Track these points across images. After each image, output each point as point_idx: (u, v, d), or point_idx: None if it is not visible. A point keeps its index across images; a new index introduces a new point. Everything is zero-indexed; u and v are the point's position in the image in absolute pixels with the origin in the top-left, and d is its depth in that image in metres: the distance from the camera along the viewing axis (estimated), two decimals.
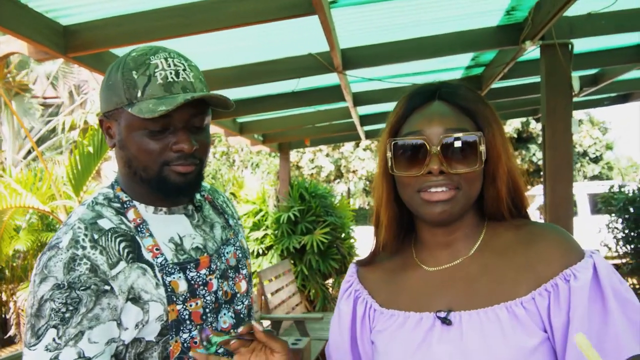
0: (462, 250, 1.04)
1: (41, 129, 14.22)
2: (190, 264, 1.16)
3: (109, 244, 1.09)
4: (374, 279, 1.13)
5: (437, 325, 0.98)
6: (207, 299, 1.16)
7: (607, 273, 0.93)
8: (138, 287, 1.08)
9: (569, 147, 3.49)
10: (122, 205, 1.17)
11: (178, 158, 1.12)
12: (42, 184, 6.46)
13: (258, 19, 2.62)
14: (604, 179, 19.19)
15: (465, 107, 1.01)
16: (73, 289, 1.02)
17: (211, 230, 1.28)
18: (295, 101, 5.01)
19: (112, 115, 1.15)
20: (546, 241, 0.97)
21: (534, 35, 3.36)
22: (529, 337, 0.92)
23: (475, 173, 0.98)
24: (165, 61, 1.11)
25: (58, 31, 2.69)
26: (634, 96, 7.00)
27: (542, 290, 0.93)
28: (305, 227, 7.33)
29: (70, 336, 1.01)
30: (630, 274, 7.63)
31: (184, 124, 1.11)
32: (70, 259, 1.04)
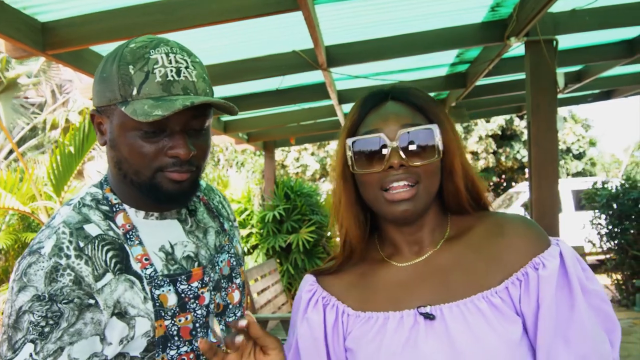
0: (429, 244, 1.06)
1: (22, 129, 14.02)
2: (182, 277, 1.08)
3: (96, 254, 1.00)
4: (340, 284, 1.11)
5: (420, 321, 0.98)
6: (197, 313, 1.09)
7: (572, 262, 0.96)
8: (125, 302, 1.01)
9: (554, 143, 3.50)
10: (111, 209, 1.08)
11: (173, 164, 1.03)
12: (22, 185, 6.37)
13: (241, 15, 2.58)
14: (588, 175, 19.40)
15: (418, 105, 1.04)
16: (54, 302, 0.94)
17: (204, 237, 1.19)
18: (279, 99, 4.99)
19: (105, 110, 1.05)
20: (513, 231, 1.00)
21: (518, 31, 3.36)
22: (513, 325, 0.94)
23: (434, 165, 1.01)
24: (166, 56, 1.01)
25: (36, 28, 2.63)
26: (617, 93, 7.08)
27: (514, 279, 0.96)
28: (290, 225, 7.32)
29: (48, 352, 0.94)
30: (614, 269, 7.72)
31: (181, 127, 1.02)
32: (52, 268, 0.96)
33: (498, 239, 1.00)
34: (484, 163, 19.01)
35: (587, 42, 4.53)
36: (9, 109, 12.26)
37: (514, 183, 20.00)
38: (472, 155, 18.82)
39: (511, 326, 0.94)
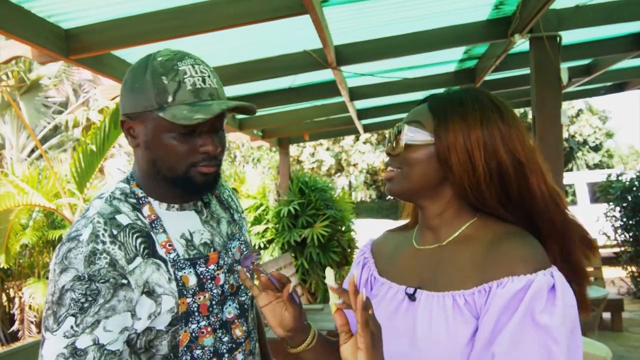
0: (443, 236, 1.15)
1: (44, 128, 14.34)
2: (200, 260, 1.22)
3: (127, 240, 1.14)
4: (381, 251, 1.32)
5: (405, 299, 1.12)
6: (214, 292, 1.24)
7: (533, 294, 0.95)
8: (152, 282, 1.15)
9: (559, 137, 3.57)
10: (138, 202, 1.22)
11: (204, 159, 1.18)
12: (47, 182, 6.58)
13: (252, 20, 2.71)
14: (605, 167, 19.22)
15: (432, 106, 1.14)
16: (93, 281, 1.08)
17: (218, 226, 1.34)
18: (292, 97, 5.10)
19: (138, 117, 1.18)
20: (506, 247, 1.04)
21: (522, 28, 3.44)
22: (465, 325, 1.01)
23: (414, 154, 1.12)
24: (192, 67, 1.16)
25: (60, 35, 2.78)
26: (629, 85, 7.05)
27: (481, 289, 1.02)
28: (305, 220, 7.42)
29: (87, 324, 1.08)
30: (628, 261, 7.70)
31: (208, 128, 1.17)
32: (90, 252, 1.09)
33: (492, 249, 1.05)
34: None
35: (594, 37, 4.56)
36: (32, 109, 12.55)
37: None
38: None
39: (463, 326, 1.01)
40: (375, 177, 25.82)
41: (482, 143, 1.07)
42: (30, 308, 6.80)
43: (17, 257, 7.10)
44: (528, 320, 0.94)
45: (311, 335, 1.20)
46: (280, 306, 1.17)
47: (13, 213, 6.20)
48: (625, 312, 6.44)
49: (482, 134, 1.08)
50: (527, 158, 1.08)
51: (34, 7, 2.55)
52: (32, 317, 6.98)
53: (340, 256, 7.61)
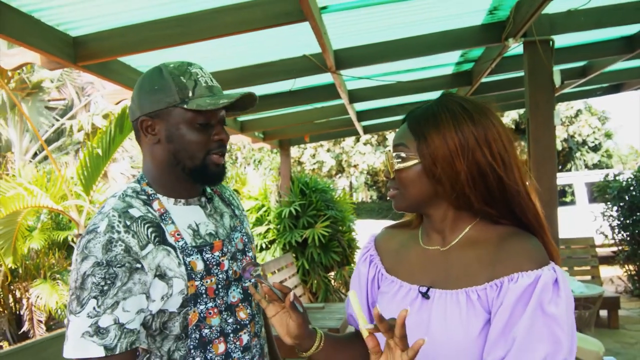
0: (449, 238, 1.24)
1: (47, 131, 14.43)
2: (206, 247, 1.35)
3: (139, 229, 1.26)
4: (386, 248, 1.39)
5: (419, 297, 1.20)
6: (219, 277, 1.36)
7: (542, 289, 1.06)
8: (164, 266, 1.27)
9: (552, 139, 3.67)
10: (148, 198, 1.35)
11: (218, 147, 1.35)
12: (54, 184, 6.70)
13: (253, 27, 2.79)
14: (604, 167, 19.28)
15: (411, 126, 1.23)
16: (110, 266, 1.20)
17: (221, 219, 1.47)
18: (292, 100, 5.18)
19: (159, 114, 1.32)
20: (512, 245, 1.14)
21: (515, 33, 3.53)
22: (477, 318, 1.12)
23: (407, 174, 1.21)
24: (200, 70, 1.36)
25: (68, 42, 2.87)
26: (626, 86, 7.13)
27: (492, 284, 1.12)
28: (306, 221, 7.51)
29: (107, 305, 1.19)
30: (626, 260, 7.78)
31: (219, 120, 1.36)
32: (107, 241, 1.22)
33: (498, 248, 1.15)
34: None
35: (587, 40, 4.65)
36: (34, 112, 12.66)
37: None
38: None
39: (475, 319, 1.11)
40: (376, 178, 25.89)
41: (460, 150, 1.14)
42: (38, 308, 6.90)
43: (24, 259, 7.20)
44: (539, 312, 1.05)
45: (318, 339, 1.30)
46: (286, 315, 1.26)
47: (21, 215, 6.30)
48: (622, 310, 6.53)
49: (458, 141, 1.14)
50: (503, 154, 1.15)
51: (44, 16, 2.64)
52: (41, 317, 7.08)
53: (341, 256, 7.69)
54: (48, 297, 6.66)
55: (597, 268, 6.83)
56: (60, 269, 7.25)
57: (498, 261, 1.13)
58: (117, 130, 5.81)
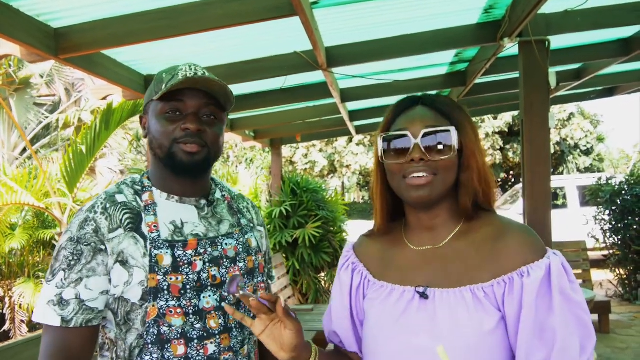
0: (442, 235, 1.22)
1: (36, 127, 14.26)
2: (179, 243, 1.33)
3: (115, 213, 1.31)
4: (369, 254, 1.34)
5: (416, 298, 1.16)
6: (189, 277, 1.32)
7: (557, 275, 1.08)
8: (127, 253, 1.28)
9: (547, 141, 3.60)
10: (142, 189, 1.39)
11: (185, 136, 1.33)
12: (37, 182, 6.56)
13: (242, 21, 2.71)
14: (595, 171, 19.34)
15: (442, 110, 1.21)
16: (79, 243, 1.27)
17: (217, 225, 1.44)
18: (284, 98, 5.09)
19: (146, 109, 1.42)
20: (512, 238, 1.14)
21: (511, 32, 3.46)
22: (489, 316, 1.09)
23: (450, 161, 1.17)
24: (188, 67, 1.37)
25: (49, 34, 2.77)
26: (619, 89, 7.10)
27: (500, 280, 1.10)
28: (297, 221, 7.43)
29: (72, 280, 1.25)
30: (617, 264, 7.77)
31: (194, 110, 1.35)
32: (84, 219, 1.30)
33: (498, 242, 1.14)
34: (491, 160, 19.05)
35: (583, 41, 4.59)
36: (21, 108, 12.49)
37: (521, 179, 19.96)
38: None
39: (486, 317, 1.09)
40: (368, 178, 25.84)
41: (480, 145, 1.21)
42: (21, 307, 6.76)
43: (7, 257, 7.07)
44: (565, 302, 1.06)
45: (314, 351, 1.24)
46: (278, 327, 1.18)
47: (1, 212, 6.17)
48: (613, 315, 6.50)
49: (476, 134, 1.22)
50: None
51: (23, 5, 2.54)
52: (23, 317, 6.95)
53: (331, 257, 7.62)
54: (31, 297, 6.53)
55: (589, 272, 6.79)
56: (45, 267, 7.12)
57: (501, 256, 1.12)
58: (102, 126, 5.69)
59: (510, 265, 1.10)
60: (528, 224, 3.52)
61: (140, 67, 3.75)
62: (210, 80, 1.33)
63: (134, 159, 13.30)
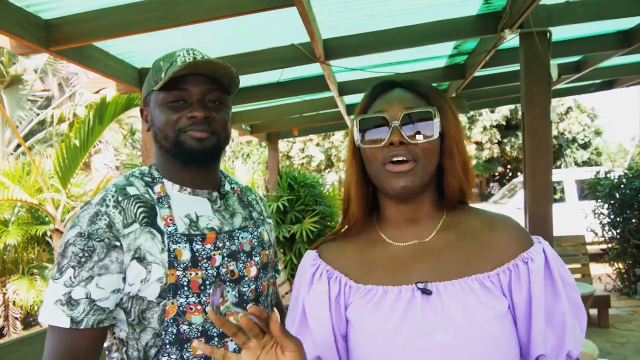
0: (427, 228, 1.14)
1: (30, 122, 14.15)
2: (197, 237, 1.27)
3: (129, 207, 1.23)
4: (342, 259, 1.18)
5: (417, 295, 1.06)
6: (208, 272, 1.26)
7: (554, 258, 1.09)
8: (144, 249, 1.21)
9: (548, 134, 3.55)
10: (153, 180, 1.33)
11: (192, 124, 1.27)
12: (30, 177, 6.47)
13: (237, 11, 2.64)
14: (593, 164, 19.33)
15: (422, 93, 1.14)
16: (90, 239, 1.19)
17: (231, 218, 1.39)
18: (280, 91, 5.03)
19: (146, 101, 1.35)
20: (505, 227, 1.12)
21: (512, 23, 3.40)
22: (500, 302, 1.05)
23: (432, 145, 1.09)
24: (186, 52, 1.31)
25: (40, 25, 2.70)
26: (618, 82, 7.07)
27: (505, 269, 1.07)
28: (294, 216, 7.38)
29: (82, 278, 1.17)
30: (615, 258, 7.74)
31: (199, 97, 1.29)
32: (95, 213, 1.21)
33: (490, 232, 1.11)
34: (488, 153, 19.01)
35: (584, 33, 4.54)
36: (14, 104, 12.37)
37: (519, 173, 19.97)
38: (476, 145, 18.78)
39: (498, 302, 1.04)
40: None
41: (462, 132, 1.16)
42: (15, 304, 6.69)
43: (1, 253, 6.99)
44: (564, 285, 1.07)
45: None
46: (273, 353, 0.94)
47: None
48: (612, 309, 6.47)
49: (458, 122, 1.16)
50: None
51: None
52: (17, 314, 6.88)
53: None
54: (26, 293, 6.47)
55: (588, 266, 6.76)
56: (39, 264, 7.05)
57: (497, 245, 1.09)
58: (96, 120, 5.60)
59: (508, 254, 1.08)
60: (529, 217, 3.47)
61: (134, 60, 3.68)
62: (213, 63, 1.26)
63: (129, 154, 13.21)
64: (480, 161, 19.03)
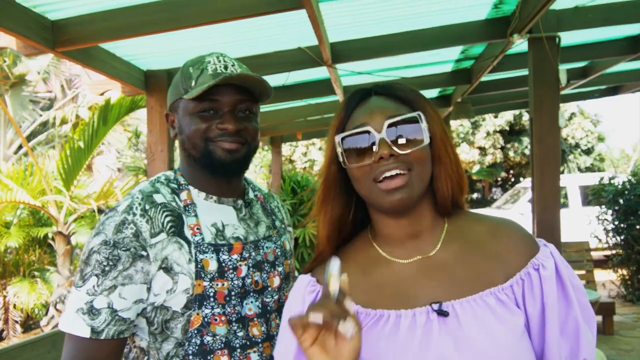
0: (430, 241, 1.05)
1: (32, 123, 14.14)
2: (224, 247, 1.25)
3: (156, 216, 1.21)
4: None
5: (433, 318, 0.96)
6: (234, 283, 1.24)
7: (562, 262, 1.02)
8: (172, 259, 1.19)
9: (556, 139, 3.52)
10: (179, 187, 1.30)
11: (222, 135, 1.25)
12: (33, 179, 6.44)
13: (245, 14, 2.62)
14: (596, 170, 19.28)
15: (401, 97, 1.06)
16: (116, 248, 1.16)
17: (255, 227, 1.37)
18: (286, 95, 5.01)
19: (173, 107, 1.32)
20: (512, 234, 1.05)
21: (521, 28, 3.39)
22: (516, 317, 0.97)
23: (424, 152, 1.01)
24: (216, 58, 1.29)
25: (46, 26, 2.69)
26: (623, 88, 7.05)
27: (517, 279, 1.00)
28: (297, 220, 7.35)
29: (105, 287, 1.15)
30: (619, 265, 7.70)
31: (230, 108, 1.27)
32: (121, 221, 1.18)
33: (497, 239, 1.03)
34: (492, 158, 18.94)
35: (591, 39, 4.54)
36: (17, 105, 12.36)
37: (521, 178, 19.93)
38: (479, 150, 18.73)
39: (515, 317, 0.97)
40: None
41: (449, 134, 1.08)
42: (15, 307, 6.65)
43: (2, 256, 6.95)
44: (574, 290, 1.00)
45: None
46: (331, 336, 0.85)
47: None
48: (616, 316, 6.42)
49: (443, 124, 1.08)
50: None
51: None
52: (17, 317, 6.84)
53: None
54: (26, 296, 6.43)
55: (592, 272, 6.72)
56: (41, 266, 7.01)
57: (507, 253, 1.02)
58: (100, 122, 5.57)
59: (519, 261, 1.01)
60: (537, 223, 3.44)
61: (140, 62, 3.66)
62: (246, 77, 1.25)
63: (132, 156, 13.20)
64: (484, 166, 18.98)
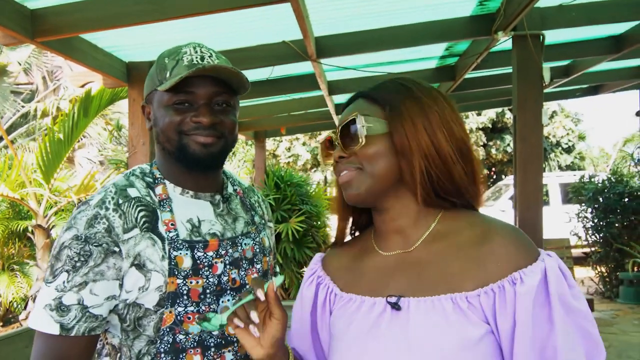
0: (413, 237, 1.05)
1: (13, 115, 13.91)
2: (199, 244, 1.22)
3: (130, 211, 1.17)
4: (336, 265, 1.17)
5: (387, 310, 0.99)
6: (209, 281, 1.21)
7: (556, 279, 0.93)
8: (145, 255, 1.16)
9: (539, 137, 3.55)
10: (154, 181, 1.26)
11: (196, 128, 1.21)
12: (12, 171, 6.31)
13: (230, 6, 2.59)
14: (576, 169, 19.52)
15: (374, 98, 1.07)
16: (87, 243, 1.13)
17: (233, 222, 1.33)
18: (269, 89, 4.98)
19: (149, 99, 1.28)
20: (500, 240, 0.98)
21: (506, 26, 3.40)
22: (473, 327, 0.93)
23: (369, 149, 1.02)
24: (193, 49, 1.24)
25: (25, 15, 2.63)
26: (604, 88, 7.13)
27: (488, 290, 0.94)
28: (280, 215, 7.33)
29: (75, 283, 1.12)
30: (598, 262, 7.82)
31: (206, 101, 1.22)
32: (93, 216, 1.14)
33: (483, 245, 0.98)
34: None
35: (575, 38, 4.57)
36: None
37: (503, 176, 20.11)
38: None
39: (470, 327, 0.93)
40: None
41: (441, 124, 1.03)
42: None
43: None
44: (565, 312, 0.91)
45: (291, 354, 1.10)
46: (262, 316, 1.02)
47: None
48: (595, 312, 6.52)
49: (439, 114, 1.04)
50: (466, 139, 1.07)
51: None
52: None
53: (314, 252, 7.51)
54: (5, 290, 6.33)
55: (572, 270, 6.80)
56: (20, 259, 6.91)
57: (487, 261, 0.96)
58: (80, 113, 5.46)
59: (499, 272, 0.94)
60: (519, 221, 3.46)
61: (122, 54, 3.60)
62: (220, 69, 1.20)
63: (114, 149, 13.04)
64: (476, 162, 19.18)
